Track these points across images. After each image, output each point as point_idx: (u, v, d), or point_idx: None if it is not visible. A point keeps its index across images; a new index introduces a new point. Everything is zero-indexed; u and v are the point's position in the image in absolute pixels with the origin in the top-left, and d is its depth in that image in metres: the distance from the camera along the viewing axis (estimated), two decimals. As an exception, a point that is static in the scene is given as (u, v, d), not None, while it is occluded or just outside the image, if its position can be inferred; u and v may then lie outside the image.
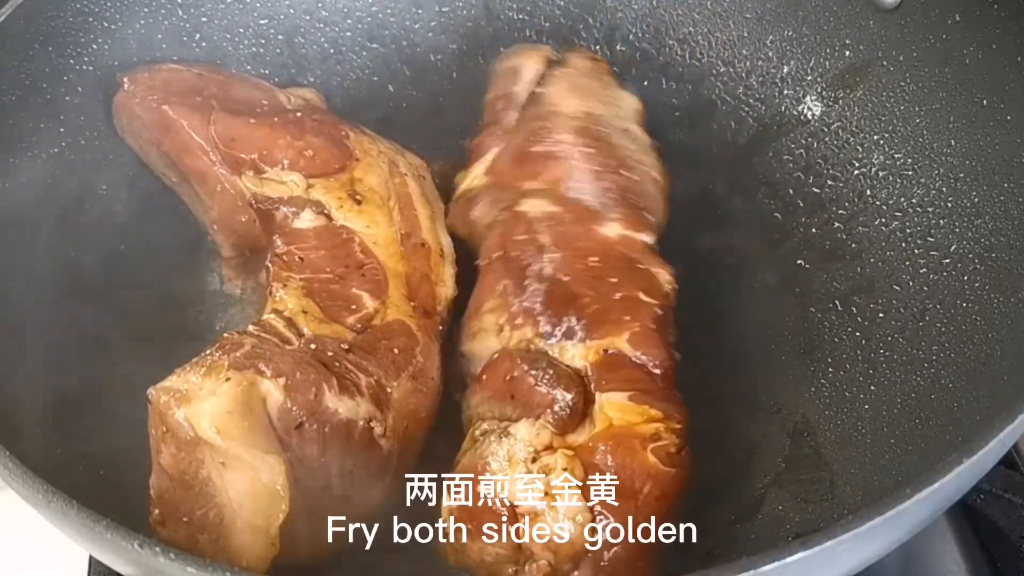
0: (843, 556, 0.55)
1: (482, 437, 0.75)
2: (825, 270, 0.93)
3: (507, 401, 0.75)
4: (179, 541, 0.66)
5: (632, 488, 0.69)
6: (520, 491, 0.69)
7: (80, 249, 0.88)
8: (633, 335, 0.77)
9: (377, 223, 0.85)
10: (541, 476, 0.69)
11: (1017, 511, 0.81)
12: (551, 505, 0.68)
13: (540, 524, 0.68)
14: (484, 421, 0.76)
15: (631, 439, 0.70)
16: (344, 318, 0.78)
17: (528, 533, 0.69)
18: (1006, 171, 0.81)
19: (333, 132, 0.91)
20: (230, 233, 0.91)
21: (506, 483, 0.69)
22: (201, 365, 0.67)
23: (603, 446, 0.70)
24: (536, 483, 0.69)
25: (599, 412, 0.73)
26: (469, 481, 0.71)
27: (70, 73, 0.91)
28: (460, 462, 0.75)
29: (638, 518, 0.68)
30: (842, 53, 0.98)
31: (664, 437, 0.71)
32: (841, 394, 0.85)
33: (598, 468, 0.69)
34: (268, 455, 0.65)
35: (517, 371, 0.75)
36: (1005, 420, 0.58)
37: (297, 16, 1.07)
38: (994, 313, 0.77)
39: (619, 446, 0.70)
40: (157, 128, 0.89)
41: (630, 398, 0.73)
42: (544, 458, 0.70)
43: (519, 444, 0.71)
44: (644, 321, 0.77)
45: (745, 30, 1.05)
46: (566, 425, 0.72)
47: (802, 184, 0.99)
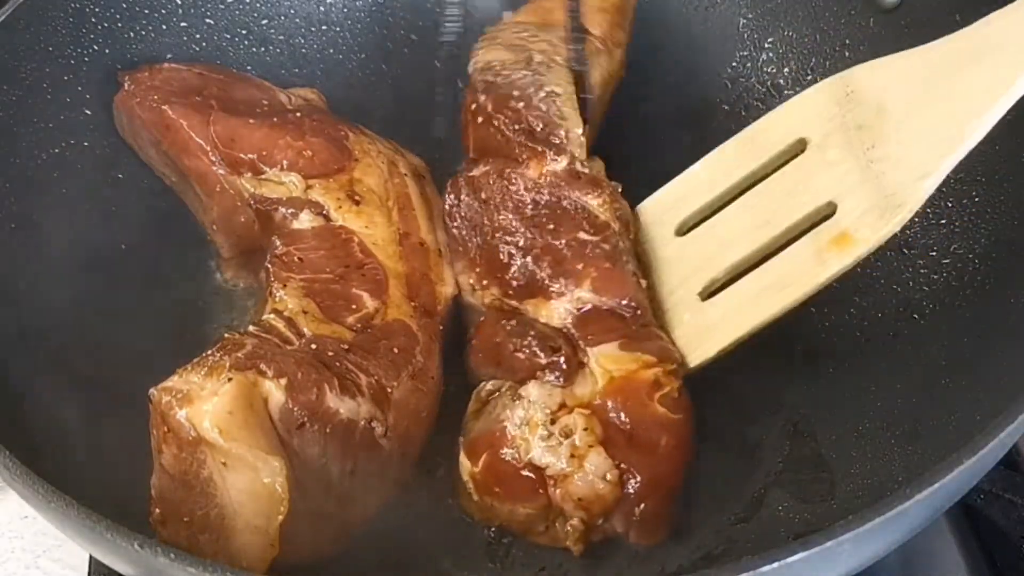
0: (843, 556, 0.55)
1: (489, 398, 0.77)
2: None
3: (498, 365, 0.78)
4: (179, 541, 0.66)
5: (650, 441, 0.72)
6: (545, 454, 0.72)
7: (80, 249, 0.88)
8: (593, 282, 0.78)
9: (376, 223, 0.85)
10: (564, 439, 0.71)
11: (1017, 511, 0.81)
12: (579, 466, 0.71)
13: (569, 485, 0.71)
14: (487, 381, 0.78)
15: (638, 391, 0.73)
16: (344, 318, 0.78)
17: (558, 493, 0.72)
18: (1007, 171, 0.81)
19: (332, 133, 0.91)
20: (230, 233, 0.91)
21: (531, 446, 0.72)
22: (203, 365, 0.67)
23: (612, 402, 0.72)
24: (562, 445, 0.71)
25: (595, 366, 0.74)
26: (489, 447, 0.74)
27: (70, 73, 0.91)
28: (472, 426, 0.77)
29: (659, 469, 0.72)
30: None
31: (664, 382, 0.73)
32: (841, 394, 0.84)
33: (614, 425, 0.72)
34: (269, 455, 0.65)
35: (500, 337, 0.77)
36: (1005, 420, 0.58)
37: (297, 16, 1.07)
38: (994, 313, 0.77)
39: (628, 400, 0.72)
40: (157, 128, 0.89)
41: (620, 347, 0.75)
42: (563, 419, 0.72)
43: (535, 407, 0.73)
44: (597, 263, 0.79)
45: (745, 30, 1.05)
46: (569, 380, 0.74)
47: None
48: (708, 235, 0.83)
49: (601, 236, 0.80)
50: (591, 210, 0.81)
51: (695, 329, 0.80)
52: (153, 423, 0.66)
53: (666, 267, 0.84)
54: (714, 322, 0.79)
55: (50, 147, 0.89)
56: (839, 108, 0.77)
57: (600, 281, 0.78)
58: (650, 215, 0.87)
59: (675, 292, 0.82)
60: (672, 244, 0.84)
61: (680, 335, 0.80)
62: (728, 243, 0.80)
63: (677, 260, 0.83)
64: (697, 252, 0.82)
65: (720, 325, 0.78)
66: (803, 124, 0.79)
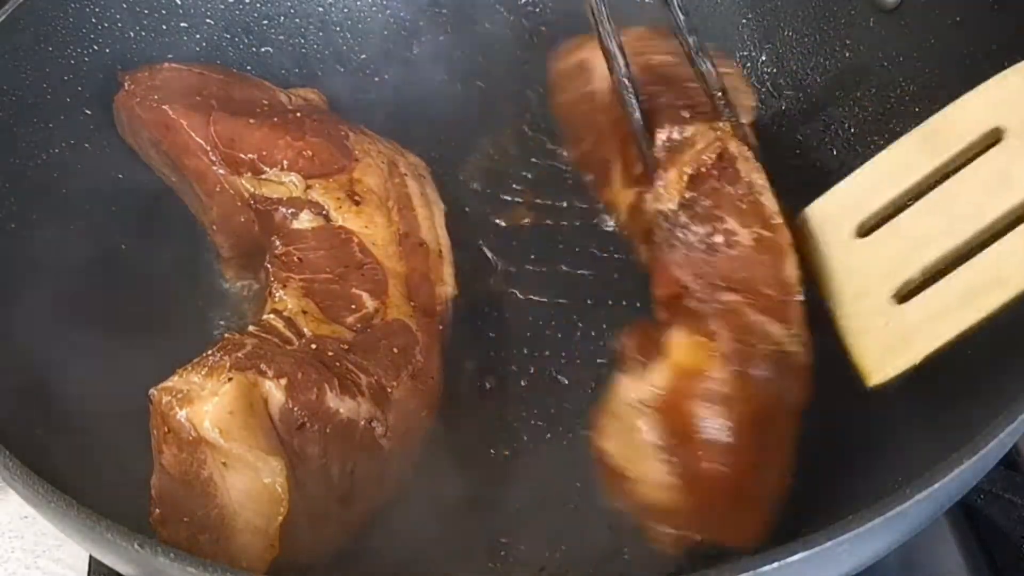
0: (843, 556, 0.55)
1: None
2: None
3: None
4: (179, 541, 0.66)
5: (699, 443, 0.69)
6: (621, 459, 0.72)
7: (80, 249, 0.88)
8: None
9: (375, 223, 0.85)
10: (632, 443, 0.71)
11: (1017, 511, 0.81)
12: (642, 472, 0.70)
13: (637, 490, 0.71)
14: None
15: (687, 384, 0.70)
16: (344, 318, 0.78)
17: (636, 499, 0.72)
18: (1006, 171, 0.81)
19: (333, 133, 0.91)
20: (229, 233, 0.91)
21: (612, 448, 0.72)
22: (203, 366, 0.67)
23: (671, 396, 0.71)
24: (630, 448, 0.71)
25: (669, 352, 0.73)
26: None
27: (70, 73, 0.91)
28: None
29: (712, 473, 0.69)
30: (842, 53, 0.98)
31: (706, 367, 0.70)
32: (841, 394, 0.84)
33: (674, 423, 0.70)
34: (269, 455, 0.65)
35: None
36: (1005, 420, 0.58)
37: (297, 16, 1.07)
38: (993, 313, 0.77)
39: (680, 394, 0.70)
40: (157, 128, 0.89)
41: (685, 327, 0.73)
42: (634, 417, 0.71)
43: (617, 402, 0.73)
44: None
45: (745, 30, 1.05)
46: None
47: (802, 184, 0.99)
48: (896, 235, 0.77)
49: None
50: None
51: (895, 334, 0.74)
52: (153, 423, 0.66)
53: (848, 271, 0.79)
54: (917, 325, 0.73)
55: (50, 147, 0.89)
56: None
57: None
58: (822, 218, 0.82)
59: (864, 297, 0.77)
60: (853, 247, 0.79)
61: (875, 341, 0.75)
62: (921, 243, 0.75)
63: (862, 263, 0.78)
64: (886, 254, 0.77)
65: (925, 327, 0.73)
66: (997, 112, 0.73)
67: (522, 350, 0.92)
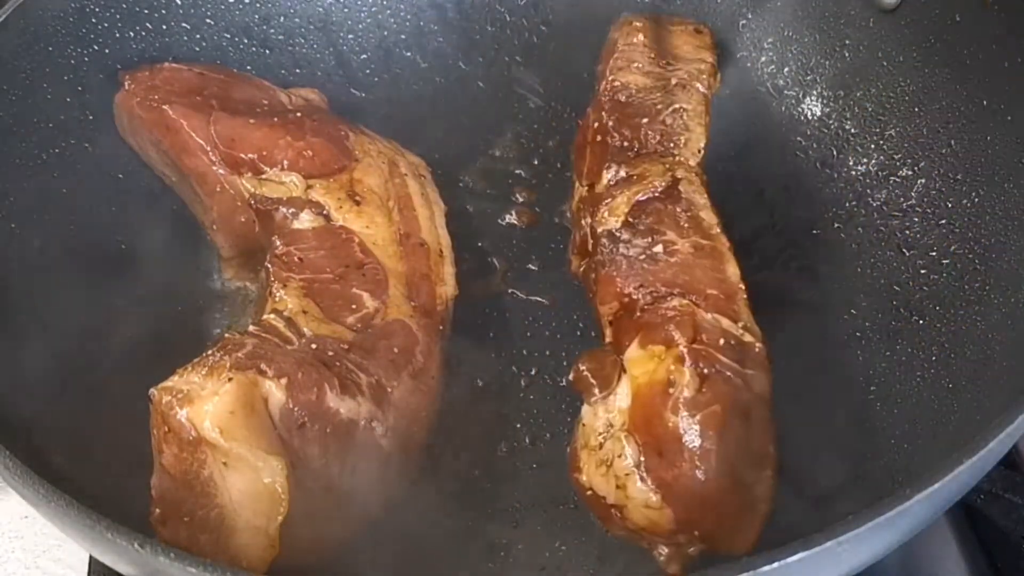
0: (843, 556, 0.55)
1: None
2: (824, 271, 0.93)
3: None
4: (180, 541, 0.66)
5: (677, 455, 0.67)
6: (600, 486, 0.71)
7: (80, 249, 0.88)
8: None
9: (376, 223, 0.85)
10: (607, 468, 0.70)
11: (1017, 511, 0.81)
12: (625, 496, 0.69)
13: (626, 514, 0.70)
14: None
15: (655, 397, 0.69)
16: (344, 318, 0.78)
17: (624, 523, 0.71)
18: (1006, 171, 0.81)
19: (333, 133, 0.91)
20: (230, 233, 0.91)
21: (591, 478, 0.72)
22: (203, 365, 0.67)
23: (640, 415, 0.70)
24: (608, 475, 0.70)
25: (628, 372, 0.73)
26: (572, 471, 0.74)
27: (70, 73, 0.91)
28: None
29: (693, 485, 0.67)
30: (842, 53, 0.98)
31: (675, 378, 0.69)
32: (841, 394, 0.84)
33: (647, 442, 0.69)
34: (270, 455, 0.65)
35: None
36: (1005, 420, 0.58)
37: (297, 16, 1.07)
38: (994, 313, 0.77)
39: (649, 409, 0.69)
40: (157, 128, 0.89)
41: (639, 343, 0.73)
42: (607, 445, 0.71)
43: (587, 432, 0.73)
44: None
45: (745, 30, 1.05)
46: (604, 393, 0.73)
47: (802, 184, 0.99)
48: None
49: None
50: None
51: None
52: (153, 423, 0.66)
53: None
54: None
55: (50, 147, 0.89)
56: None
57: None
58: None
59: None
60: None
61: None
62: None
63: None
64: None
65: None
66: None
67: (522, 350, 0.92)
